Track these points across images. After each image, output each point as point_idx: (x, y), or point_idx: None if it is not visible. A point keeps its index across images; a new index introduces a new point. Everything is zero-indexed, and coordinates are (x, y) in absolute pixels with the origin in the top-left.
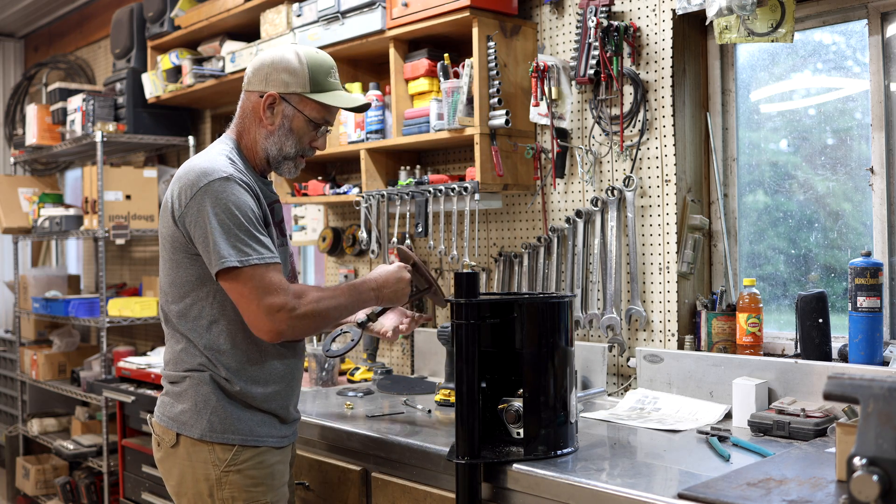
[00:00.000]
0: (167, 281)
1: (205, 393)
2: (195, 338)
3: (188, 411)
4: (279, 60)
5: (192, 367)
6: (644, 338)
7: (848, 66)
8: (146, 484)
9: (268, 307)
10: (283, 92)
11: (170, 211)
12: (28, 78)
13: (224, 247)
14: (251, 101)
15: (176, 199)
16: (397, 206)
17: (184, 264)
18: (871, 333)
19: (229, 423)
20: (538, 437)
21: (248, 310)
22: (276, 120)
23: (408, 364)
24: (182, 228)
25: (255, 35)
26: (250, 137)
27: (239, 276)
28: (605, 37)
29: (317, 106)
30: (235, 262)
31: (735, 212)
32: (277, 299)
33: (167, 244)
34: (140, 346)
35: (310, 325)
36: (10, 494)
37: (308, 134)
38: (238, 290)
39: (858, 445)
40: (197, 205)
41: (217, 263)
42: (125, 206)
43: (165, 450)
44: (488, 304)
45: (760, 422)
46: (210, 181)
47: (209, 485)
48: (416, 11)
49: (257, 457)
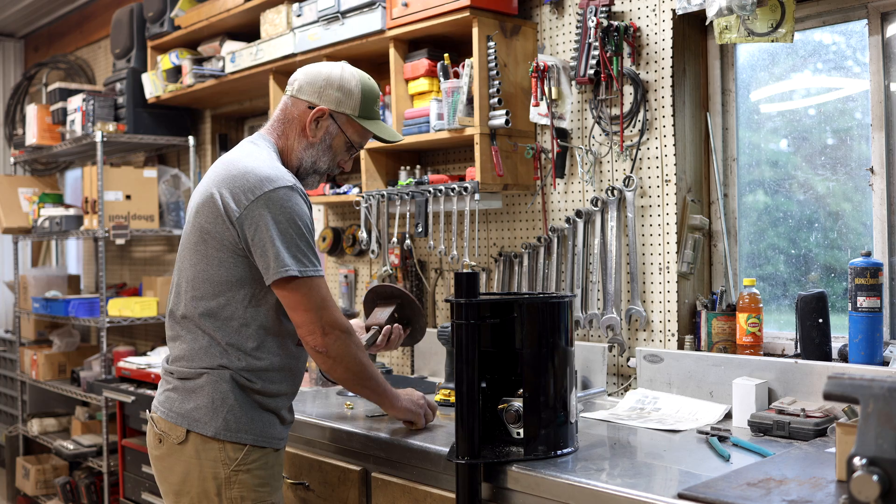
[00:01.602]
0: (201, 277)
1: (223, 391)
2: (221, 336)
3: (203, 408)
4: (336, 78)
5: (211, 365)
6: (644, 338)
7: (848, 66)
8: (146, 484)
9: (327, 322)
10: (333, 109)
11: (220, 209)
12: (28, 78)
13: (286, 256)
14: (298, 108)
15: (231, 199)
16: (397, 206)
17: (227, 263)
18: (871, 333)
19: (244, 423)
20: (538, 437)
21: (303, 319)
22: (319, 134)
23: (408, 364)
24: (238, 229)
25: (255, 35)
26: (288, 144)
27: (299, 287)
28: (605, 37)
29: (360, 130)
30: (296, 272)
31: (735, 212)
32: (335, 317)
33: (211, 240)
34: (140, 346)
35: (351, 358)
36: (10, 494)
37: (343, 154)
38: (295, 299)
39: (858, 445)
40: (259, 209)
41: (279, 271)
42: (125, 206)
43: (169, 446)
44: (488, 304)
45: (760, 422)
46: (276, 188)
47: (217, 483)
48: (416, 11)
49: (264, 458)
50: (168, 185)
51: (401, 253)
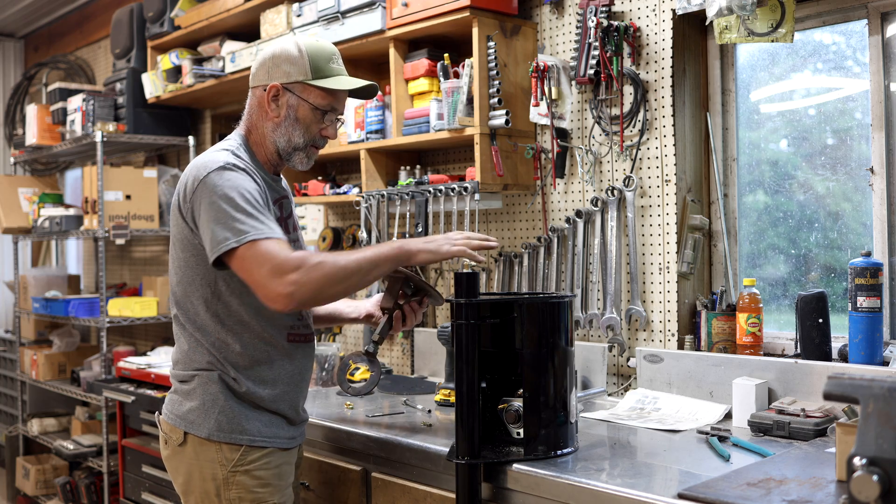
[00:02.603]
0: (176, 280)
1: (213, 392)
2: (203, 337)
3: (196, 410)
4: (279, 52)
5: (200, 366)
6: (644, 338)
7: (848, 66)
8: (146, 484)
9: (271, 270)
10: (285, 82)
11: (177, 208)
12: (28, 78)
13: (219, 232)
14: (256, 96)
15: (182, 195)
16: (397, 206)
17: (191, 263)
18: (871, 333)
19: (237, 423)
20: (538, 437)
21: (253, 281)
22: (282, 111)
23: (408, 364)
24: (191, 224)
25: (255, 35)
26: (259, 133)
27: (237, 255)
28: (605, 37)
29: (320, 92)
30: (233, 243)
31: (735, 212)
32: (279, 261)
33: (178, 243)
34: (140, 346)
35: (323, 280)
36: (10, 494)
37: (315, 122)
38: (240, 268)
39: (858, 445)
40: (198, 198)
41: (216, 250)
42: (125, 206)
43: (173, 448)
44: (488, 304)
45: (760, 422)
46: (208, 173)
47: (216, 484)
48: (416, 11)
49: (265, 457)
50: (168, 185)
51: None
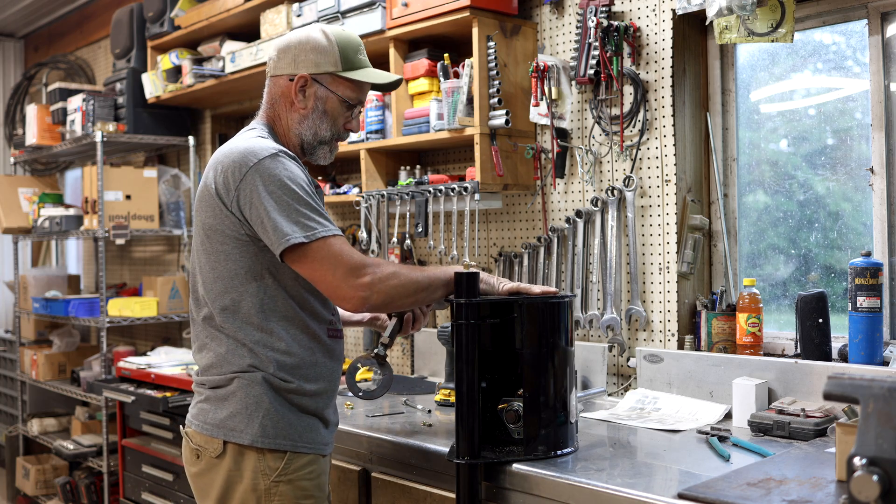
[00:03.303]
0: (212, 276)
1: (256, 394)
2: (244, 336)
3: (238, 415)
4: (306, 40)
5: (240, 368)
6: (644, 338)
7: (848, 66)
8: (146, 484)
9: (347, 271)
10: (314, 73)
11: (215, 198)
12: (28, 78)
13: (284, 224)
14: (280, 85)
15: (221, 184)
16: (397, 206)
17: (233, 255)
18: (871, 333)
19: (282, 427)
20: (538, 437)
21: (325, 282)
22: (309, 103)
23: (408, 364)
24: (237, 214)
25: (255, 35)
26: (282, 124)
27: (308, 252)
28: (605, 37)
29: (350, 85)
30: (301, 238)
31: (735, 212)
32: (355, 262)
33: (214, 235)
34: (140, 346)
35: (398, 289)
36: (10, 494)
37: (342, 115)
38: (310, 266)
39: (858, 445)
40: (249, 186)
41: (282, 242)
42: (125, 206)
43: (207, 461)
44: (488, 304)
45: (760, 422)
46: (260, 159)
47: (257, 496)
48: (416, 11)
49: (308, 465)
50: (168, 185)
51: (401, 253)
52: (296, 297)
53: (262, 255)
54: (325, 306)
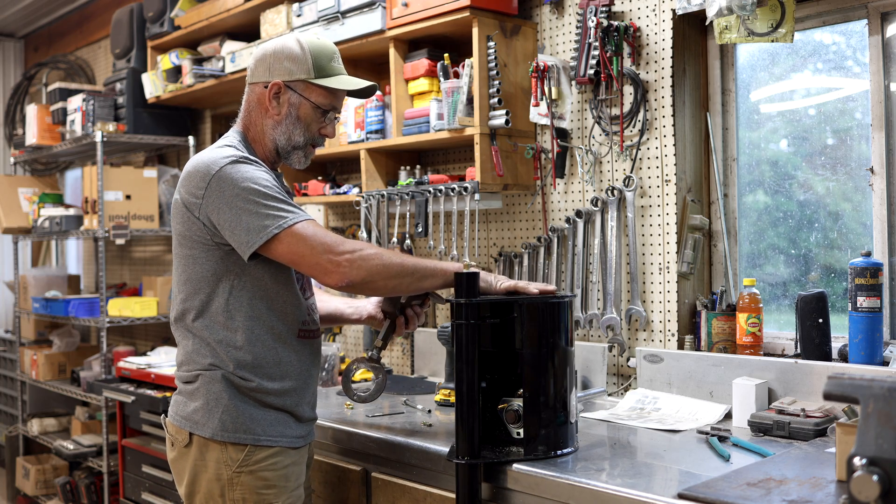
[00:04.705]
0: (183, 278)
1: (216, 391)
2: (208, 335)
3: (200, 410)
4: (280, 49)
5: (202, 366)
6: (644, 338)
7: (848, 66)
8: (146, 484)
9: (326, 247)
10: (287, 80)
11: (183, 208)
12: (28, 78)
13: (257, 222)
14: (256, 93)
15: (188, 193)
16: (397, 206)
17: (200, 259)
18: (871, 333)
19: (241, 423)
20: (538, 437)
21: (305, 260)
22: (283, 109)
23: (408, 364)
24: (205, 221)
25: (255, 35)
26: (257, 129)
27: (283, 238)
28: (605, 37)
29: (323, 91)
30: (274, 230)
31: (735, 212)
32: (333, 239)
33: (184, 241)
34: (140, 346)
35: (380, 268)
36: (10, 494)
37: (316, 121)
38: (288, 250)
39: (858, 445)
40: (215, 193)
41: (258, 240)
42: (125, 206)
43: (179, 449)
44: (488, 304)
45: (760, 422)
46: (220, 167)
47: (220, 485)
48: (416, 11)
49: (271, 458)
50: (168, 185)
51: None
52: (263, 297)
53: (227, 259)
54: (299, 307)
